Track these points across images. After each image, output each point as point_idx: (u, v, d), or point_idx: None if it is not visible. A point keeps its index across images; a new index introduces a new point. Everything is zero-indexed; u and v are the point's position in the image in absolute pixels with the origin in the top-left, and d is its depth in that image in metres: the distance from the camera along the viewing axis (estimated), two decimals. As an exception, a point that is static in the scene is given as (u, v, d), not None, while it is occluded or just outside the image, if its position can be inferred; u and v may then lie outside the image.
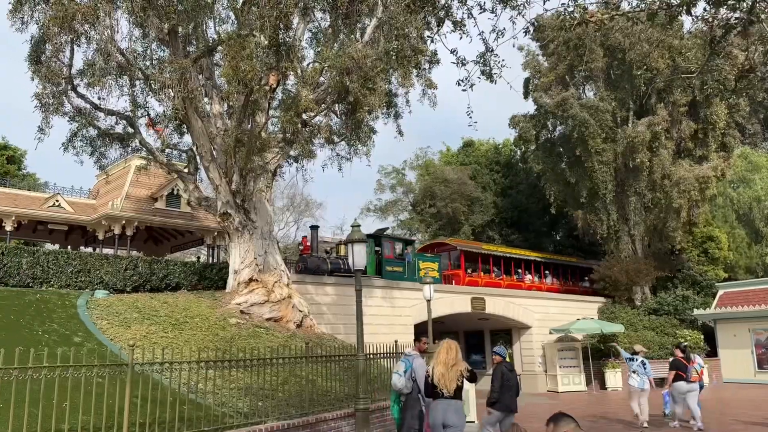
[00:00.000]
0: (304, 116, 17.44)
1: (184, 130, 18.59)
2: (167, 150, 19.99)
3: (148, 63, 16.79)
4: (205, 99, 18.11)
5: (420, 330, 23.22)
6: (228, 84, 14.48)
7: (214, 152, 17.45)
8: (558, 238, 42.69)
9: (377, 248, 24.56)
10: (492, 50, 7.72)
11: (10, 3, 15.83)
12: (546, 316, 29.42)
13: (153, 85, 15.74)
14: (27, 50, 16.91)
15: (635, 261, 31.50)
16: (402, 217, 46.26)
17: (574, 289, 33.84)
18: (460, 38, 8.13)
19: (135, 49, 16.01)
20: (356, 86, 15.54)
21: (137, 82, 16.81)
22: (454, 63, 7.94)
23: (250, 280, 17.60)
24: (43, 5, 15.74)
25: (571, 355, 28.13)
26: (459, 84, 8.33)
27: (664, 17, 6.06)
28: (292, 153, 19.95)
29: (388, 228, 32.59)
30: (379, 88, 16.18)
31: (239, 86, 14.46)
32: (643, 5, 5.83)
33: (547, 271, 33.31)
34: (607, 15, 5.57)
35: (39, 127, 16.37)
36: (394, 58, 14.85)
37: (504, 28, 9.10)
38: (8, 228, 23.90)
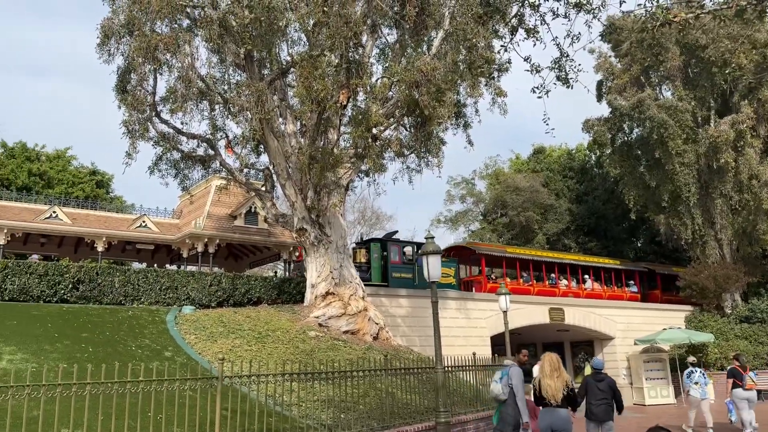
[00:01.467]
0: (374, 131, 17.70)
1: (261, 150, 19.23)
2: (245, 170, 20.75)
3: (225, 87, 17.53)
4: (280, 119, 18.69)
5: (499, 342, 22.88)
6: (301, 103, 14.91)
7: (290, 170, 17.94)
8: (639, 244, 41.03)
9: (384, 253, 23.74)
10: (567, 55, 7.60)
11: (98, 37, 16.91)
12: (629, 326, 28.30)
13: (232, 109, 16.41)
14: (114, 81, 17.99)
15: (723, 266, 29.79)
16: (473, 227, 45.82)
17: (620, 294, 30.85)
18: (534, 45, 8.06)
19: (213, 74, 16.77)
20: (425, 99, 15.62)
21: (216, 106, 17.56)
22: (527, 70, 7.88)
23: (327, 293, 17.92)
24: (128, 37, 16.73)
25: (658, 366, 26.86)
26: (534, 91, 8.24)
27: (753, 12, 5.77)
28: (363, 167, 20.24)
29: (397, 231, 31.22)
30: (448, 99, 16.20)
31: (312, 105, 14.85)
32: (729, 2, 5.58)
33: (586, 275, 30.59)
34: (692, 14, 5.37)
35: (127, 152, 17.36)
36: (463, 68, 14.81)
37: (579, 33, 8.96)
38: (100, 248, 25.41)
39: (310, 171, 16.83)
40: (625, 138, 34.04)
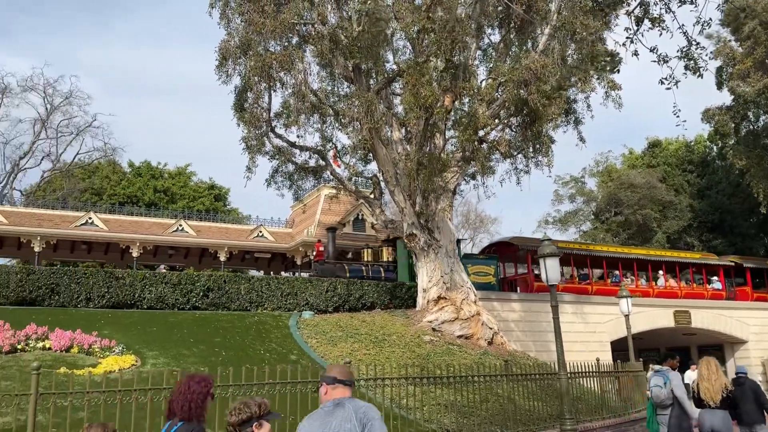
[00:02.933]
0: (481, 133, 17.56)
1: (369, 158, 19.64)
2: (354, 178, 21.31)
3: (335, 99, 18.09)
4: (386, 127, 19.02)
5: (619, 347, 21.84)
6: (409, 110, 15.07)
7: (398, 176, 18.18)
8: (770, 240, 37.73)
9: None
10: (697, 43, 7.17)
11: (216, 59, 17.99)
12: (764, 329, 26.04)
13: (342, 120, 16.89)
14: (231, 100, 18.99)
15: None
16: (585, 227, 44.09)
17: (700, 293, 27.10)
18: (660, 35, 7.66)
19: (324, 88, 17.35)
20: (535, 97, 15.30)
21: (327, 118, 18.16)
22: (654, 61, 7.51)
23: (439, 298, 17.94)
24: (243, 58, 17.68)
25: (801, 373, 24.54)
26: (662, 83, 7.83)
27: None
28: (469, 171, 20.14)
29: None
30: (559, 96, 15.77)
31: (420, 111, 14.98)
32: None
33: (659, 271, 27.31)
34: None
35: (247, 166, 18.32)
36: (577, 62, 14.37)
37: (710, 18, 8.41)
38: (222, 258, 27.02)
39: (418, 176, 16.96)
40: (751, 127, 31.45)
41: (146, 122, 72.32)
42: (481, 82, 18.78)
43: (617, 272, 26.59)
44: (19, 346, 11.14)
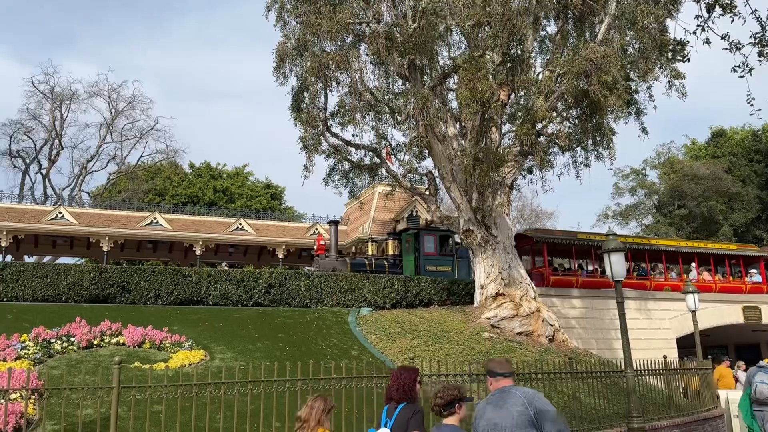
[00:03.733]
0: (538, 126, 17.29)
1: (424, 155, 19.64)
2: (409, 175, 21.33)
3: (390, 97, 18.16)
4: (441, 123, 18.97)
5: (685, 344, 21.14)
6: (465, 105, 14.98)
7: (454, 172, 18.11)
8: None
9: (417, 244, 21.68)
10: (773, 27, 6.83)
11: (274, 61, 18.32)
12: None
13: (397, 117, 16.93)
14: (288, 101, 19.30)
15: None
16: (646, 221, 42.76)
17: (737, 286, 24.86)
18: (732, 21, 7.35)
19: (379, 86, 17.44)
20: (596, 88, 14.95)
21: (383, 116, 18.24)
22: (725, 48, 7.21)
23: (497, 294, 17.78)
24: (300, 59, 17.95)
25: None
26: (735, 71, 7.52)
27: None
28: (527, 165, 19.86)
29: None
30: (621, 86, 15.36)
31: (476, 106, 14.86)
32: None
33: (691, 264, 25.45)
34: None
35: (304, 165, 18.59)
36: (637, 53, 13.96)
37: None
38: (280, 255, 27.58)
39: (474, 172, 16.84)
40: (827, 112, 29.75)
41: (205, 124, 74.43)
42: (538, 75, 18.48)
43: (675, 266, 25.39)
44: (95, 342, 11.70)
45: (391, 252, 22.82)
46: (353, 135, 18.01)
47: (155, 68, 75.17)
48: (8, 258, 23.81)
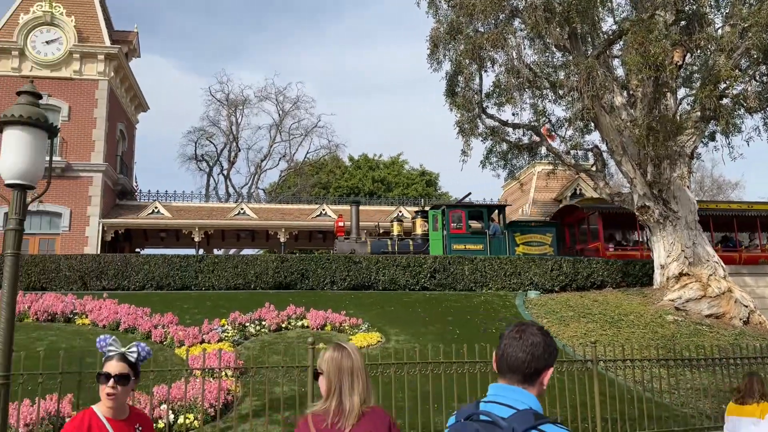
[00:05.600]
0: (721, 86, 15.60)
1: (589, 129, 18.65)
2: (572, 151, 20.39)
3: (549, 71, 17.45)
4: (607, 93, 17.85)
5: None
6: (636, 71, 13.96)
7: (624, 145, 16.99)
8: None
9: (445, 222, 19.82)
10: None
11: (427, 48, 18.42)
12: None
13: (559, 92, 16.23)
14: (441, 87, 19.37)
15: None
16: None
17: None
18: None
19: (537, 61, 16.83)
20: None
21: (542, 92, 17.60)
22: None
23: (680, 274, 16.43)
24: (453, 43, 17.86)
25: None
26: None
27: None
28: (708, 131, 18.05)
29: (470, 193, 24.90)
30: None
31: (649, 71, 13.77)
32: None
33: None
34: None
35: (462, 150, 18.55)
36: None
37: None
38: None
39: (648, 143, 15.65)
40: None
41: (361, 117, 77.31)
42: (717, 31, 16.66)
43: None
44: (283, 325, 12.71)
45: (419, 231, 21.39)
46: (512, 114, 17.58)
47: (314, 68, 79.55)
48: (201, 251, 26.68)
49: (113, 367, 2.99)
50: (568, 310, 14.99)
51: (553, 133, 20.50)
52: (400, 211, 28.41)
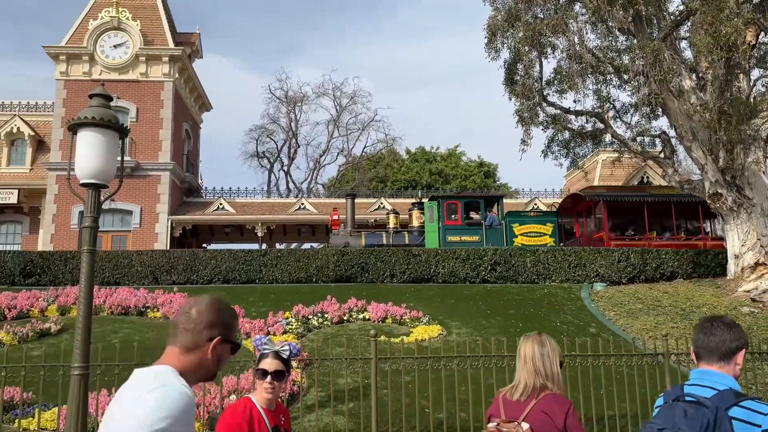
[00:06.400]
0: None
1: (657, 114, 17.93)
2: (638, 138, 19.69)
3: (612, 55, 16.88)
4: (675, 77, 17.11)
5: None
6: (707, 53, 13.30)
7: (694, 130, 16.25)
8: None
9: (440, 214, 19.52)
10: None
11: (485, 36, 18.13)
12: None
13: (624, 76, 15.68)
14: (499, 77, 19.07)
15: None
16: None
17: None
18: None
19: (600, 45, 16.31)
20: None
21: (606, 77, 17.06)
22: None
23: (756, 264, 15.62)
24: (511, 30, 17.51)
25: None
26: None
27: None
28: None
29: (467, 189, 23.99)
30: None
31: (720, 52, 13.10)
32: None
33: None
34: None
35: (522, 139, 18.20)
36: None
37: None
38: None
39: (719, 127, 14.93)
40: None
41: (417, 110, 77.08)
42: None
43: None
44: (344, 317, 12.85)
45: (415, 223, 21.12)
46: (574, 101, 17.11)
47: (371, 63, 79.83)
48: (264, 246, 27.30)
49: (269, 364, 3.26)
50: (637, 302, 14.51)
51: (618, 120, 19.86)
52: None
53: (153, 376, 1.92)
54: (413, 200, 24.25)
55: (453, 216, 20.01)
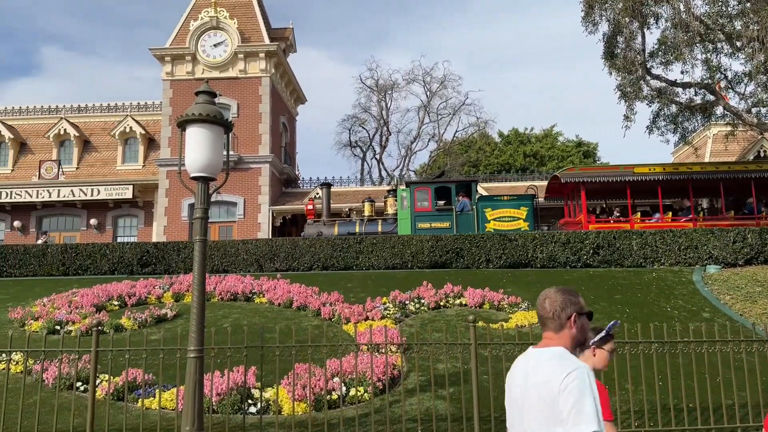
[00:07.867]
0: None
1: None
2: (754, 109, 18.22)
3: (723, 22, 15.66)
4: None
5: None
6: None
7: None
8: None
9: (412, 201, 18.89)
10: None
11: (582, 10, 17.39)
12: None
13: (736, 44, 14.52)
14: (599, 50, 18.22)
15: None
16: None
17: None
18: None
19: (709, 12, 15.18)
20: None
21: (716, 46, 15.88)
22: None
23: None
24: (610, 2, 16.67)
25: None
26: None
27: None
28: None
29: (443, 173, 23.89)
30: None
31: None
32: None
33: None
34: None
35: (625, 115, 17.37)
36: None
37: None
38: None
39: None
40: None
41: (510, 91, 75.29)
42: None
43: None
44: (441, 303, 12.84)
45: (390, 211, 20.65)
46: (682, 72, 16.11)
47: (460, 45, 78.74)
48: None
49: (611, 345, 3.57)
50: (756, 285, 13.47)
51: (731, 90, 18.46)
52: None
53: (559, 357, 2.50)
54: (513, 184, 23.89)
55: (423, 203, 19.69)
